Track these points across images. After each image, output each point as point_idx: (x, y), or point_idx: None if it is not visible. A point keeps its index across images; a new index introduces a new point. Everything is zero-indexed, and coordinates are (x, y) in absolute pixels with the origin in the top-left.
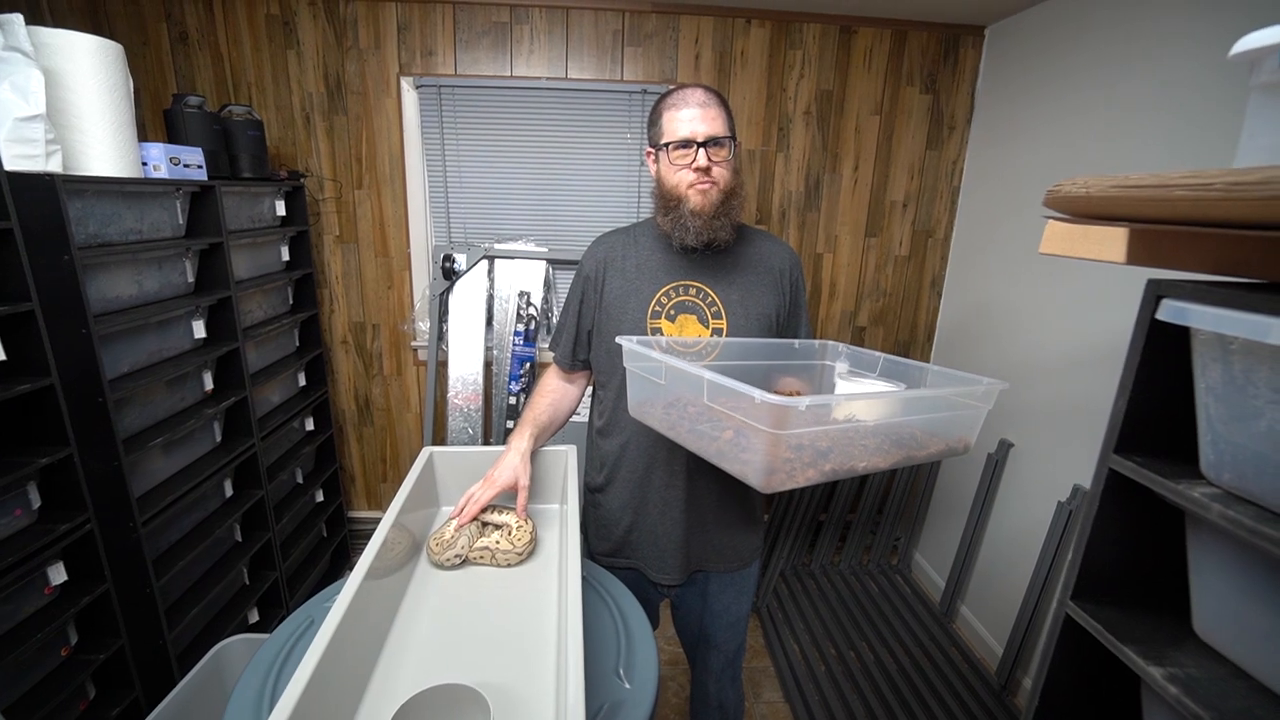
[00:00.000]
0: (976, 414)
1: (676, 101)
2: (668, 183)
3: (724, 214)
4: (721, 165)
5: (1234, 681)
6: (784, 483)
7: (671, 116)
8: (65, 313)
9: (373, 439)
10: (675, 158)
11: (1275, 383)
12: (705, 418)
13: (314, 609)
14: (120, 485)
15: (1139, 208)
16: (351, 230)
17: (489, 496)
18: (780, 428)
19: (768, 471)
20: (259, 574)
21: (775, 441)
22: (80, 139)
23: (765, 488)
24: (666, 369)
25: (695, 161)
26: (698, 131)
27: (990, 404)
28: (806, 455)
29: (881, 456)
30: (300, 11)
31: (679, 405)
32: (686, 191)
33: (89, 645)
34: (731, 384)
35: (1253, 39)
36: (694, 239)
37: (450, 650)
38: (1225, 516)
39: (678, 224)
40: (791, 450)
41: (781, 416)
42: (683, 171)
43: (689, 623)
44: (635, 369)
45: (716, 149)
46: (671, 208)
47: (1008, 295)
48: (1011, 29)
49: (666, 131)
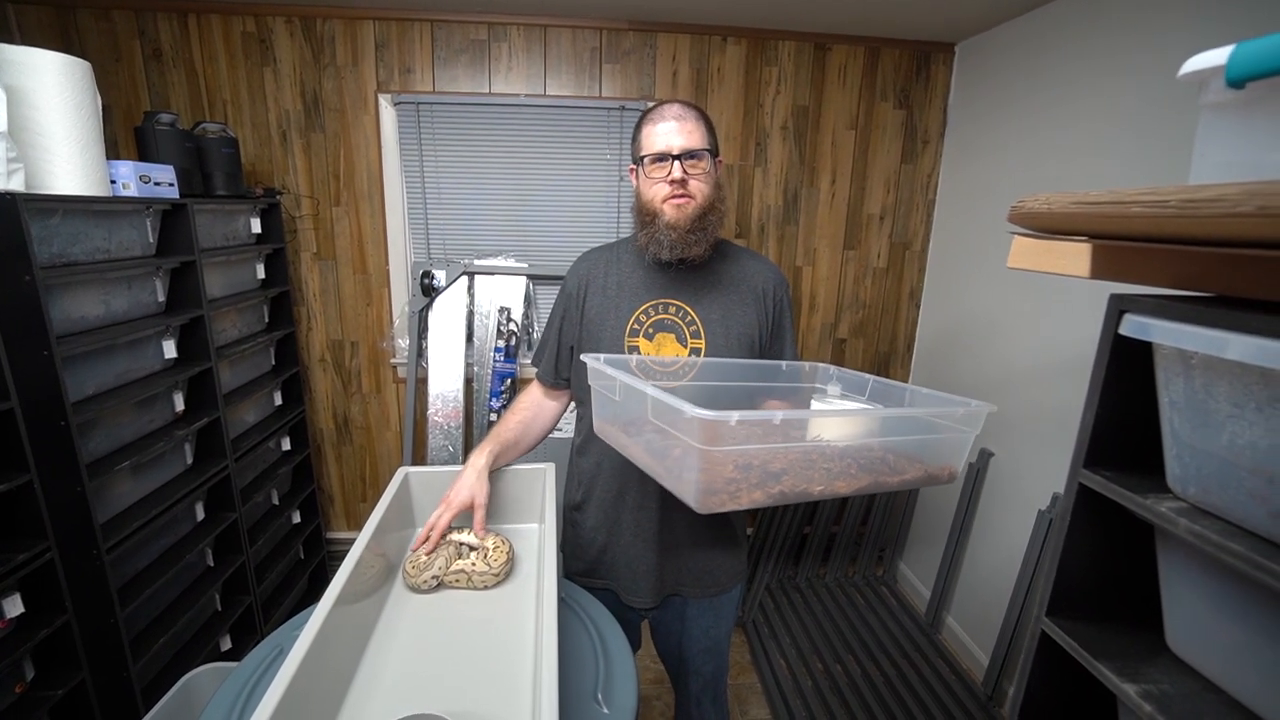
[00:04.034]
0: (961, 439)
1: (654, 116)
2: (645, 196)
3: (699, 229)
4: (698, 179)
5: (1206, 696)
6: (724, 504)
7: (649, 131)
8: (26, 334)
9: (352, 458)
10: (651, 171)
11: (1235, 397)
12: (657, 437)
13: (283, 637)
14: (83, 511)
15: (1099, 224)
16: (329, 247)
17: (448, 520)
18: (712, 443)
19: (705, 491)
20: (232, 599)
21: (708, 458)
22: (45, 157)
23: (701, 508)
24: (620, 386)
25: (670, 174)
26: (673, 144)
27: (977, 428)
28: (754, 476)
29: (845, 481)
30: (277, 29)
31: (636, 424)
32: (662, 205)
33: (47, 681)
34: (669, 399)
35: (1199, 60)
36: (668, 253)
37: (424, 677)
38: (1192, 531)
39: (652, 238)
40: (737, 470)
41: (712, 432)
42: (659, 185)
43: (668, 646)
44: (596, 387)
45: (693, 162)
46: (648, 222)
47: (985, 306)
48: (980, 46)
49: (644, 145)
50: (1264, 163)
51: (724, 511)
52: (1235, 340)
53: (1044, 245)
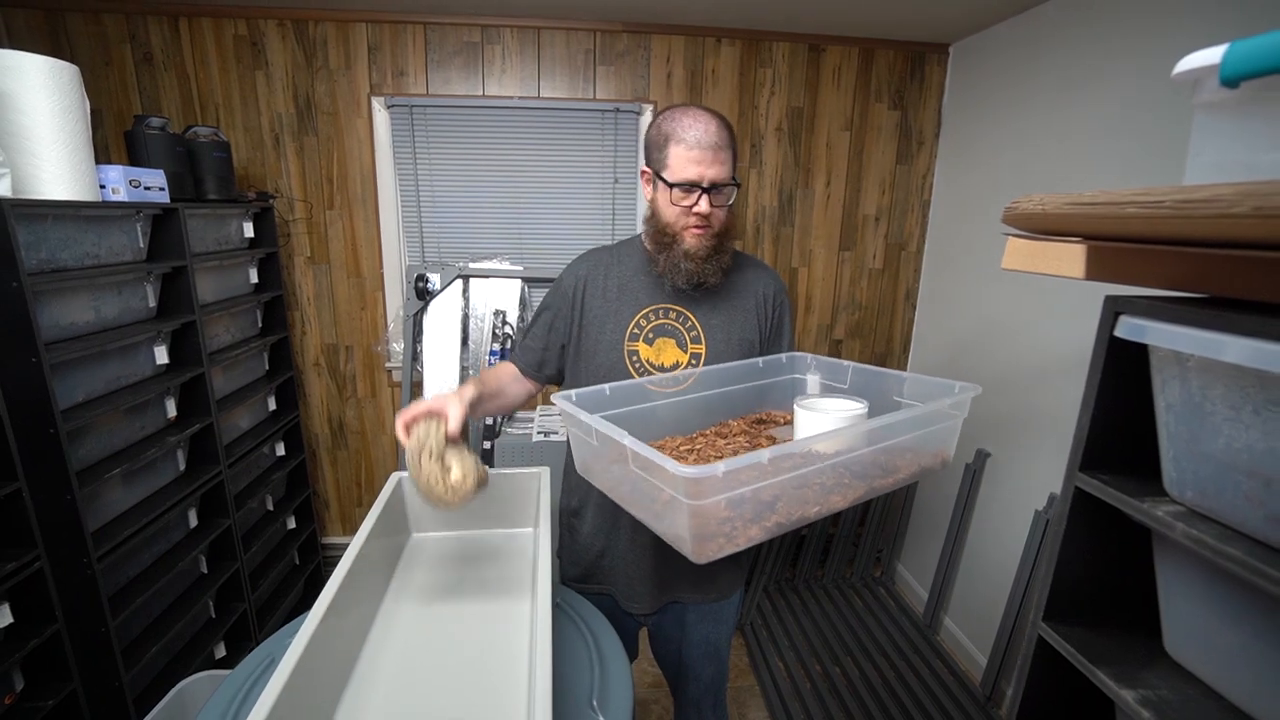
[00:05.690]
0: (951, 424)
1: (688, 135)
2: (664, 217)
3: (716, 256)
4: (721, 208)
5: (1205, 703)
6: (722, 548)
7: (679, 152)
8: (14, 341)
9: (347, 462)
10: (677, 198)
11: (1232, 400)
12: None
13: (275, 646)
14: (73, 519)
15: (1094, 225)
16: (323, 251)
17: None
18: (699, 498)
19: (700, 539)
20: (227, 606)
21: (698, 512)
22: (32, 162)
23: (698, 558)
24: (596, 433)
25: (697, 206)
26: (705, 175)
27: (964, 412)
28: (748, 511)
29: (841, 494)
30: (269, 32)
31: (620, 464)
32: (682, 232)
33: (37, 691)
34: (650, 453)
35: (1193, 59)
36: (685, 280)
37: (418, 686)
38: (1189, 535)
39: (670, 264)
40: (730, 508)
41: (696, 489)
42: (682, 214)
43: (667, 652)
44: (571, 429)
45: (719, 195)
46: (665, 245)
47: (981, 306)
48: (974, 47)
49: (672, 166)
50: (1259, 163)
51: (722, 556)
52: (1231, 342)
53: (1039, 246)
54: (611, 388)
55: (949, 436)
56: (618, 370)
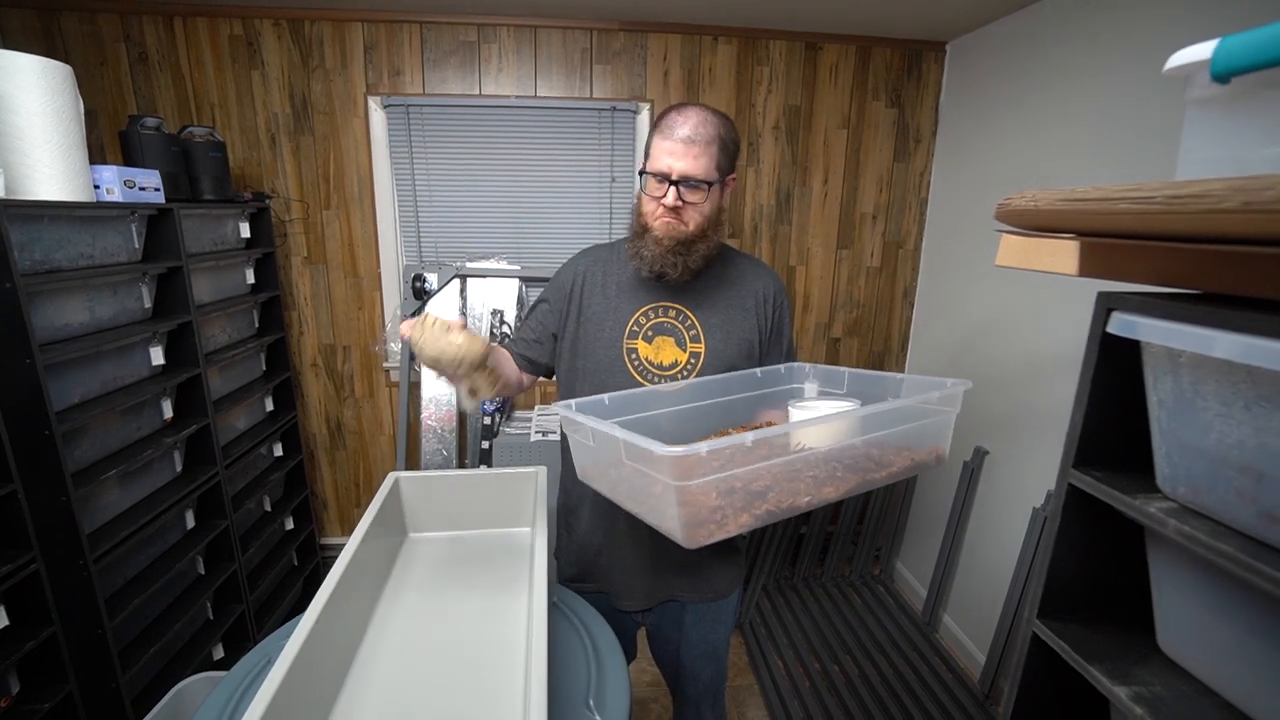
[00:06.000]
0: (944, 420)
1: (668, 125)
2: (642, 206)
3: (683, 252)
4: (695, 206)
5: (1198, 699)
6: (712, 534)
7: (657, 142)
8: (8, 342)
9: (345, 463)
10: (650, 187)
11: (1223, 395)
12: (637, 476)
13: (272, 646)
14: (69, 521)
15: (1086, 220)
16: (320, 251)
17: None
18: (687, 477)
19: (690, 524)
20: (224, 608)
21: (686, 493)
22: (25, 162)
23: (689, 542)
24: (594, 433)
25: (665, 197)
26: (674, 168)
27: (957, 407)
28: (738, 499)
29: (833, 486)
30: (264, 32)
31: (617, 465)
32: (653, 222)
33: (33, 694)
34: (639, 440)
35: (1184, 55)
36: (648, 268)
37: (414, 685)
38: (1181, 532)
39: (637, 251)
40: (721, 496)
41: (685, 466)
42: (653, 203)
43: (666, 652)
44: (570, 434)
45: (690, 190)
46: (638, 233)
47: (979, 303)
48: (971, 45)
49: (650, 156)
50: (1249, 158)
51: (713, 542)
52: (1222, 338)
53: (1032, 243)
54: (610, 397)
55: (943, 431)
56: (616, 367)
